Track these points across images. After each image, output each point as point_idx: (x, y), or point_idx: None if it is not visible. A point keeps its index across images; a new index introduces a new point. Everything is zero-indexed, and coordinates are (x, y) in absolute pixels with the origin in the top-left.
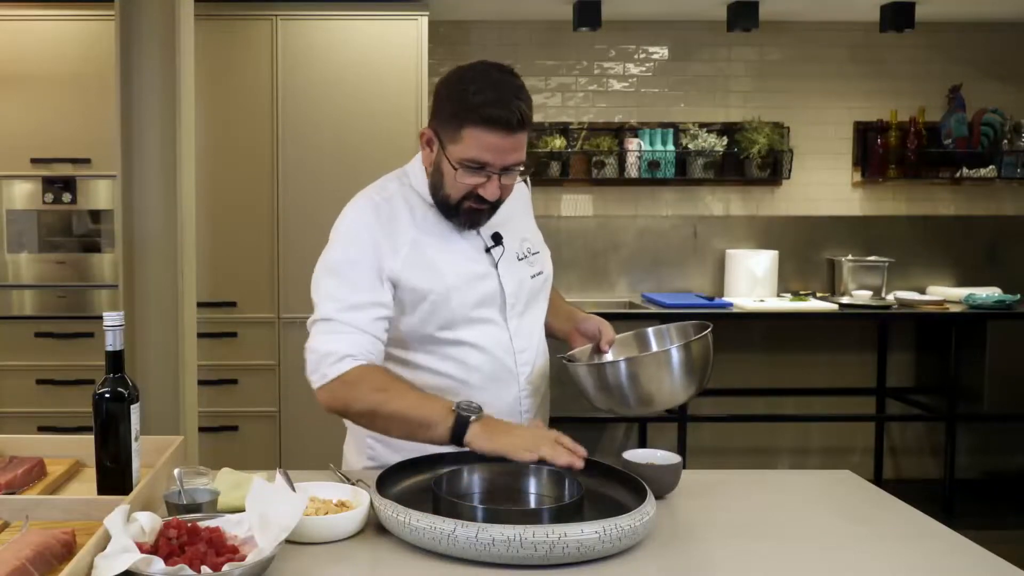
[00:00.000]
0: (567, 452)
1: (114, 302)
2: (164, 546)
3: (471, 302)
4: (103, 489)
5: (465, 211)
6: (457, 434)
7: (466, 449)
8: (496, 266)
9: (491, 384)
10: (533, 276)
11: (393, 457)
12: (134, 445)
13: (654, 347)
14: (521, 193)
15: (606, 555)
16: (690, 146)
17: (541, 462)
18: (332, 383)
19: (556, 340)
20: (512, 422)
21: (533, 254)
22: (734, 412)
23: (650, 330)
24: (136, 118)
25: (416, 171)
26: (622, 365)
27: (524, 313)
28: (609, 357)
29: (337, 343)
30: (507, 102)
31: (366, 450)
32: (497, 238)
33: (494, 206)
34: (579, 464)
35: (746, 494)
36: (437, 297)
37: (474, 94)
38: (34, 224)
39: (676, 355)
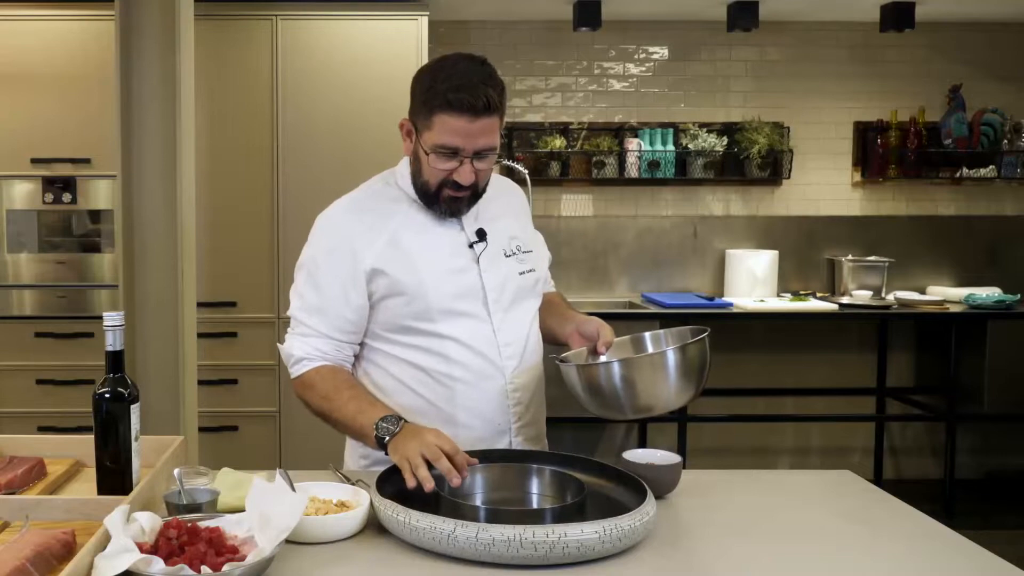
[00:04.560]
0: (421, 468)
1: (114, 302)
2: (164, 546)
3: (449, 295)
4: (103, 489)
5: (445, 199)
6: (382, 448)
7: None
8: (477, 261)
9: (475, 378)
10: (522, 273)
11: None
12: (134, 445)
13: (650, 351)
14: (515, 194)
15: (606, 555)
16: (690, 146)
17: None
18: (295, 382)
19: (558, 345)
20: (418, 429)
21: (524, 252)
22: (734, 412)
23: (647, 335)
24: (136, 118)
25: (403, 167)
26: (615, 366)
27: (510, 308)
28: (604, 360)
29: (295, 346)
30: (473, 87)
31: (359, 448)
32: (481, 234)
33: (475, 194)
34: (427, 486)
35: (746, 494)
36: (413, 289)
37: (442, 81)
38: (34, 224)
39: (672, 357)
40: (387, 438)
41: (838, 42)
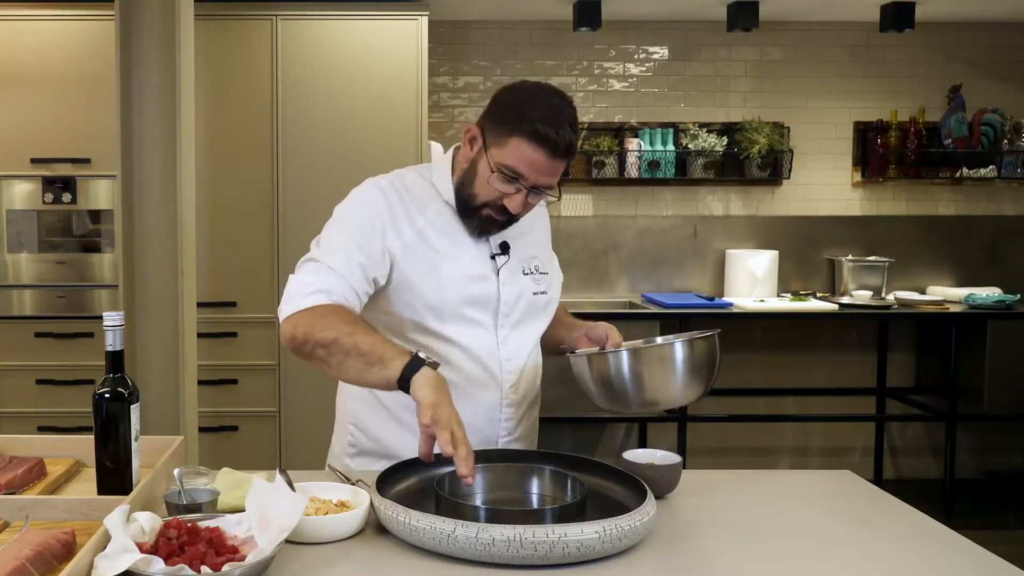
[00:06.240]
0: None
1: (114, 302)
2: (164, 546)
3: (463, 299)
4: (103, 489)
5: (483, 217)
6: (407, 373)
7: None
8: (497, 272)
9: (472, 386)
10: (536, 293)
11: (371, 445)
12: (134, 445)
13: None
14: (542, 216)
15: (606, 555)
16: (690, 146)
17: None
18: (302, 312)
19: (564, 353)
20: (449, 398)
21: (541, 273)
22: (734, 412)
23: (658, 339)
24: (136, 118)
25: (441, 170)
26: (624, 355)
27: (519, 325)
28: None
29: (316, 279)
30: (560, 125)
31: (347, 436)
32: (504, 247)
33: (509, 221)
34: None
35: (746, 494)
36: (430, 287)
37: (532, 108)
38: (34, 224)
39: (680, 350)
40: (425, 363)
41: (838, 42)
